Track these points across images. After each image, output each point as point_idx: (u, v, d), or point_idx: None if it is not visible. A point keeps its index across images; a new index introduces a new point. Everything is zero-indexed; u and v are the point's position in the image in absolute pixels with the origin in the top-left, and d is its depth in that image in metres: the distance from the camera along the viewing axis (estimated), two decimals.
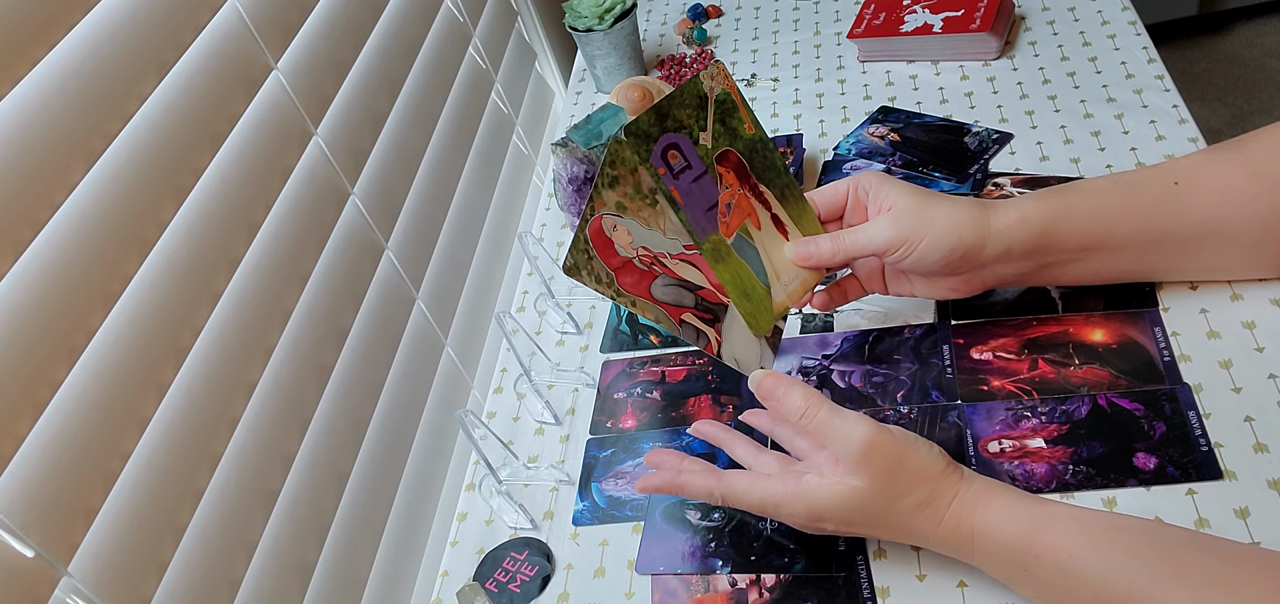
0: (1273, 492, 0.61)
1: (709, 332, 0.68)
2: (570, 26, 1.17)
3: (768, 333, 0.70)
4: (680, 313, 0.67)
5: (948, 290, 0.72)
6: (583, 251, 0.65)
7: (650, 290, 0.67)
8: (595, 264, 0.65)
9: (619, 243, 0.66)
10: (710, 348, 0.68)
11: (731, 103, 0.68)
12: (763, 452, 0.67)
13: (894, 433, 0.60)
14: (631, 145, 0.64)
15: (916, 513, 0.59)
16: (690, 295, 0.68)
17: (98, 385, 0.55)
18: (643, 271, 0.66)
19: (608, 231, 0.65)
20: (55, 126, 0.54)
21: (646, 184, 0.65)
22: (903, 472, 0.59)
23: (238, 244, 0.67)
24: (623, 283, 0.66)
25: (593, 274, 0.65)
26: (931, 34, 1.05)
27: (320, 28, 0.81)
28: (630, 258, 0.66)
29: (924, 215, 0.68)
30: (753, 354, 0.69)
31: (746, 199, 0.69)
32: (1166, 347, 0.71)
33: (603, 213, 0.65)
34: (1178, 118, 0.89)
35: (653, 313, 0.67)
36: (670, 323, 0.67)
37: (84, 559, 0.52)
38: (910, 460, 0.59)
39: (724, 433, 0.69)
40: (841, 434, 0.59)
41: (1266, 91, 2.11)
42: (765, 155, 0.70)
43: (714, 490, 0.64)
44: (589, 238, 0.65)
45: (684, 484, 0.65)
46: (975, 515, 0.58)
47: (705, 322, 0.68)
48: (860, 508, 0.59)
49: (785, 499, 0.61)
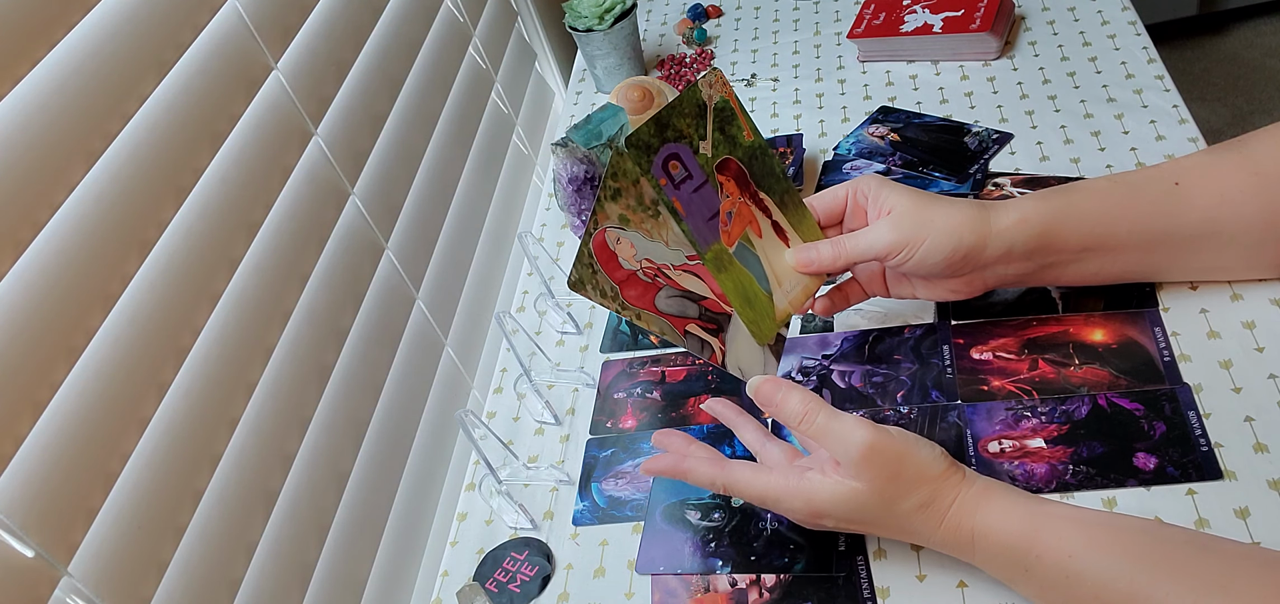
0: (1273, 492, 0.61)
1: (713, 342, 0.68)
2: (570, 26, 1.17)
3: (771, 340, 0.70)
4: (685, 324, 0.67)
5: (949, 292, 0.72)
6: (587, 266, 0.65)
7: (655, 303, 0.67)
8: (600, 278, 0.65)
9: (623, 255, 0.66)
10: (714, 358, 0.68)
11: (730, 110, 0.68)
12: (770, 438, 0.67)
13: (894, 435, 0.60)
14: (633, 157, 0.64)
15: (917, 514, 0.59)
16: (694, 306, 0.68)
17: (98, 385, 0.55)
18: (646, 284, 0.66)
19: (611, 244, 0.65)
20: (55, 126, 0.54)
21: (649, 195, 0.65)
22: (903, 474, 0.59)
23: (238, 244, 0.67)
24: (627, 296, 0.66)
25: (598, 289, 0.65)
26: (931, 34, 1.05)
27: (320, 28, 0.81)
28: (634, 270, 0.66)
29: (924, 218, 0.68)
30: (756, 362, 0.69)
31: (747, 207, 0.69)
32: (1166, 347, 0.71)
33: (606, 226, 0.65)
34: (1178, 118, 0.89)
35: (657, 325, 0.67)
36: (675, 335, 0.67)
37: (84, 559, 0.52)
38: (911, 463, 0.59)
39: (736, 414, 0.70)
40: (841, 438, 0.59)
41: (1266, 91, 2.12)
42: (764, 162, 0.70)
43: (717, 479, 0.64)
44: (593, 252, 0.65)
45: (688, 469, 0.66)
46: (975, 516, 0.58)
47: (709, 332, 0.68)
48: (860, 509, 0.59)
49: (785, 494, 0.61)
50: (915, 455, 0.59)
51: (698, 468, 0.65)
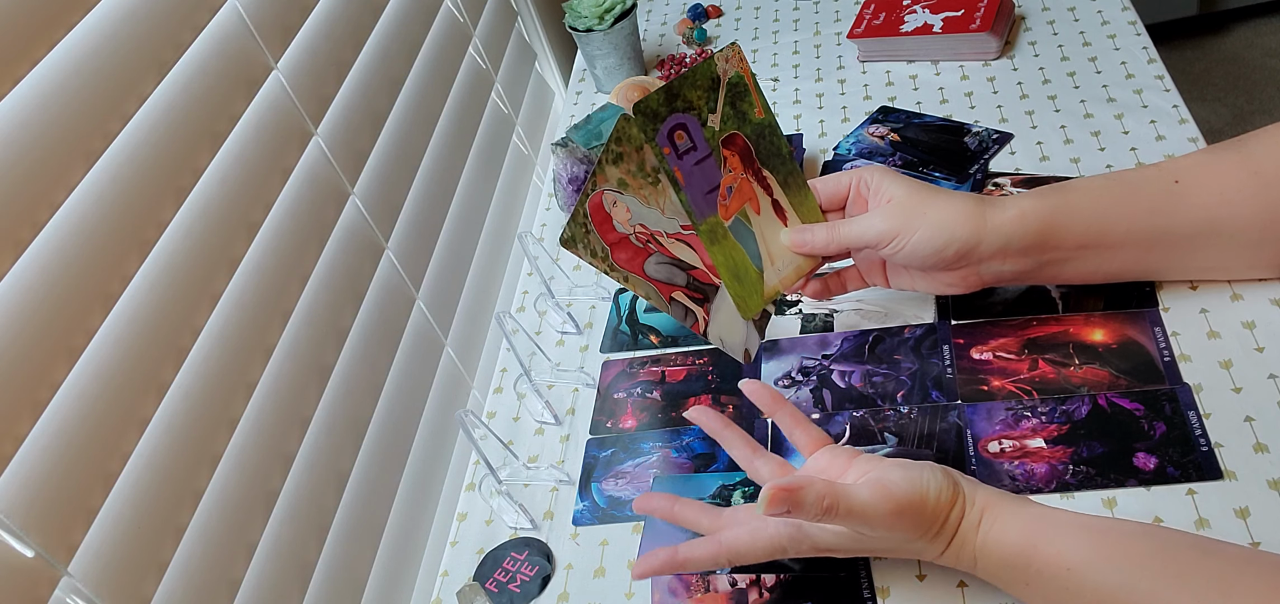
0: (1273, 492, 0.61)
1: (697, 311, 0.69)
2: (570, 26, 1.17)
3: (755, 316, 0.71)
4: (670, 290, 0.68)
5: (946, 285, 0.72)
6: (581, 225, 0.66)
7: (643, 267, 0.68)
8: (592, 238, 0.66)
9: (618, 219, 0.66)
10: (696, 326, 0.69)
11: (743, 86, 0.69)
12: (760, 452, 0.67)
13: (904, 484, 0.57)
14: (639, 123, 0.65)
15: (923, 542, 0.58)
16: (682, 274, 0.69)
17: (98, 385, 0.55)
18: (637, 248, 0.67)
19: (607, 207, 0.66)
20: (55, 126, 0.54)
21: (650, 163, 0.66)
22: (922, 518, 0.57)
23: (238, 244, 0.67)
24: (617, 258, 0.67)
25: (588, 248, 0.66)
26: (931, 34, 1.05)
27: (320, 28, 0.81)
28: (627, 234, 0.67)
29: (918, 209, 0.68)
30: (738, 336, 0.71)
31: (748, 184, 0.70)
32: (1166, 346, 0.71)
33: (604, 188, 0.66)
34: (1178, 118, 0.89)
35: (643, 289, 0.68)
36: (660, 300, 0.68)
37: (84, 559, 0.52)
38: (929, 506, 0.57)
39: (723, 428, 0.68)
40: (867, 514, 0.56)
41: (1266, 91, 2.11)
42: (772, 140, 0.71)
43: (718, 557, 0.62)
44: (588, 212, 0.66)
45: (684, 560, 0.63)
46: (978, 529, 0.57)
47: (694, 301, 0.69)
48: (871, 546, 0.60)
49: (791, 544, 0.61)
50: (927, 497, 0.57)
51: (693, 554, 0.62)
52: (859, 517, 0.56)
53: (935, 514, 0.58)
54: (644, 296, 0.68)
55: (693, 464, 0.76)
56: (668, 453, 0.77)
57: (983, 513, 0.58)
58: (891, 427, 0.73)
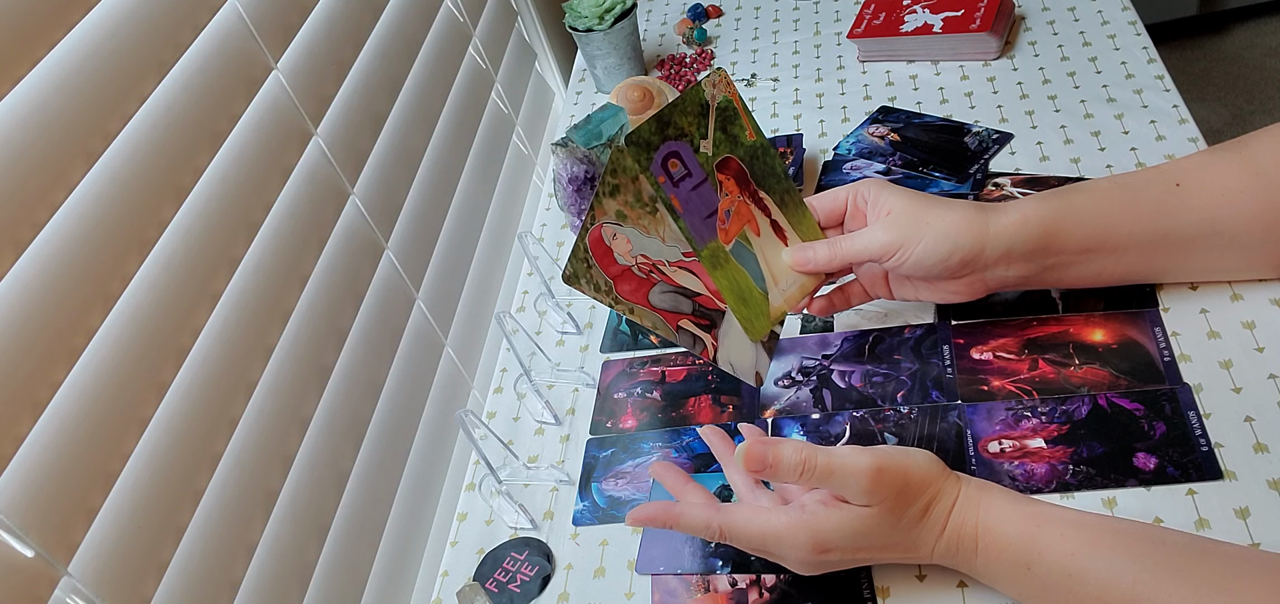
0: (1273, 492, 0.61)
1: (705, 337, 0.68)
2: (570, 26, 1.17)
3: (763, 337, 0.70)
4: (677, 319, 0.68)
5: (950, 294, 0.72)
6: (582, 261, 0.65)
7: (648, 298, 0.67)
8: (594, 272, 0.65)
9: (618, 251, 0.66)
10: (706, 354, 0.68)
11: (733, 110, 0.69)
12: (759, 486, 0.66)
13: (892, 452, 0.59)
14: (633, 154, 0.65)
15: (920, 522, 0.59)
16: (687, 302, 0.68)
17: (98, 385, 0.55)
18: (641, 279, 0.67)
19: (607, 240, 0.66)
20: (55, 126, 0.54)
21: (647, 192, 0.66)
22: (909, 486, 0.58)
23: (238, 244, 0.67)
24: (621, 290, 0.66)
25: (591, 283, 0.65)
26: (931, 34, 1.05)
27: (320, 28, 0.81)
28: (629, 266, 0.66)
29: (919, 220, 0.68)
30: (748, 359, 0.70)
31: (746, 206, 0.69)
32: (1166, 347, 0.71)
33: (603, 221, 0.65)
34: (1178, 118, 0.89)
35: (650, 320, 0.67)
36: (667, 329, 0.67)
37: (84, 559, 0.52)
38: (914, 473, 0.58)
39: (727, 449, 0.68)
40: (847, 472, 0.57)
41: (1266, 91, 2.11)
42: (766, 161, 0.70)
43: (712, 523, 0.62)
44: (588, 247, 0.65)
45: (679, 517, 0.63)
46: (977, 515, 0.58)
47: (702, 327, 0.68)
48: (869, 533, 0.59)
49: (788, 531, 0.59)
50: (915, 464, 0.59)
51: (690, 515, 0.63)
52: (839, 471, 0.57)
53: (922, 486, 0.58)
54: (651, 328, 0.67)
55: (692, 464, 0.76)
56: (668, 453, 0.77)
57: (982, 494, 0.58)
58: (891, 427, 0.73)
